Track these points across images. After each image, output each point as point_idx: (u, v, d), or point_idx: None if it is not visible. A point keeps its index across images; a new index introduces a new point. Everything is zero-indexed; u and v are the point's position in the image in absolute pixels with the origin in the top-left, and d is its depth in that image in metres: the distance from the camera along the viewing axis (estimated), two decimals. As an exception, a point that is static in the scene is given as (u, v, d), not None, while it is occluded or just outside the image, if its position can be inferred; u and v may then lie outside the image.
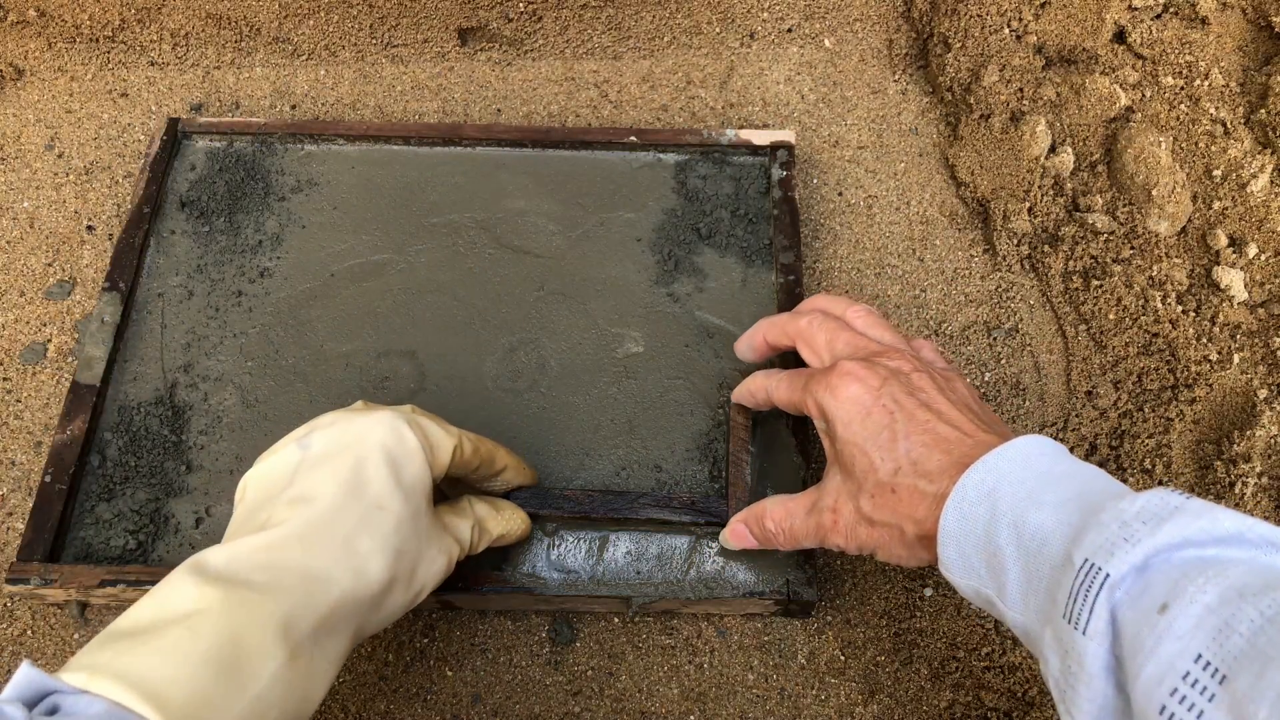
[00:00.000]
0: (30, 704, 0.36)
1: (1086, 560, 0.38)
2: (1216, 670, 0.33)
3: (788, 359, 0.59)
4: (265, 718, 0.41)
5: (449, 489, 0.59)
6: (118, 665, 0.38)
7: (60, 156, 0.83)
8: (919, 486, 0.47)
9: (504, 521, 0.57)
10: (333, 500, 0.47)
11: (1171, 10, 0.81)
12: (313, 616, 0.43)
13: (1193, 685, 0.33)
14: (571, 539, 0.63)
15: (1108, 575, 0.37)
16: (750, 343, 0.62)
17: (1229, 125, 0.76)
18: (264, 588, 0.43)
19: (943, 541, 0.45)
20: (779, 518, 0.55)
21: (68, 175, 0.82)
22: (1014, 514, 0.42)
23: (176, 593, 0.42)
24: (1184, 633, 0.34)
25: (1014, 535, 0.42)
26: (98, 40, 0.86)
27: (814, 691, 0.61)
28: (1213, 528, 0.37)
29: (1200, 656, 0.33)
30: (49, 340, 0.73)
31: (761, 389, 0.59)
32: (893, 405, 0.49)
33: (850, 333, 0.56)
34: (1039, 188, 0.77)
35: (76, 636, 0.62)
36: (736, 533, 0.59)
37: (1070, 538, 0.40)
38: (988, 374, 0.73)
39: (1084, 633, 0.37)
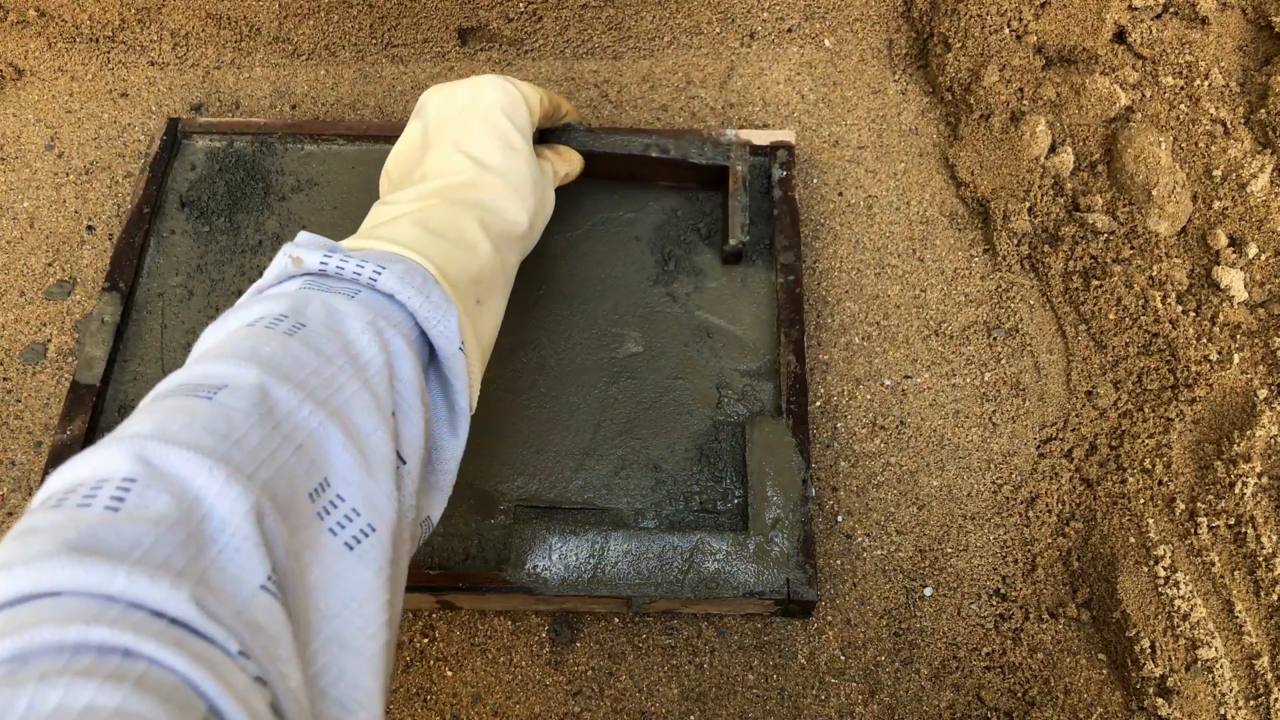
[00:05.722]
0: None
1: None
2: None
3: None
4: (492, 282, 0.53)
5: None
6: (379, 234, 0.50)
7: (60, 156, 0.83)
8: None
9: (566, 162, 0.68)
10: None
11: (1171, 10, 0.81)
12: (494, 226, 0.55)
13: None
14: (572, 539, 0.63)
15: None
16: None
17: (1229, 125, 0.76)
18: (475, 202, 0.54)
19: None
20: None
21: (68, 175, 0.82)
22: None
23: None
24: None
25: None
26: (98, 40, 0.86)
27: (814, 691, 0.61)
28: None
29: None
30: (49, 340, 0.73)
31: None
32: None
33: None
34: (1039, 188, 0.77)
35: (76, 636, 0.62)
36: None
37: None
38: (988, 374, 0.73)
39: None
